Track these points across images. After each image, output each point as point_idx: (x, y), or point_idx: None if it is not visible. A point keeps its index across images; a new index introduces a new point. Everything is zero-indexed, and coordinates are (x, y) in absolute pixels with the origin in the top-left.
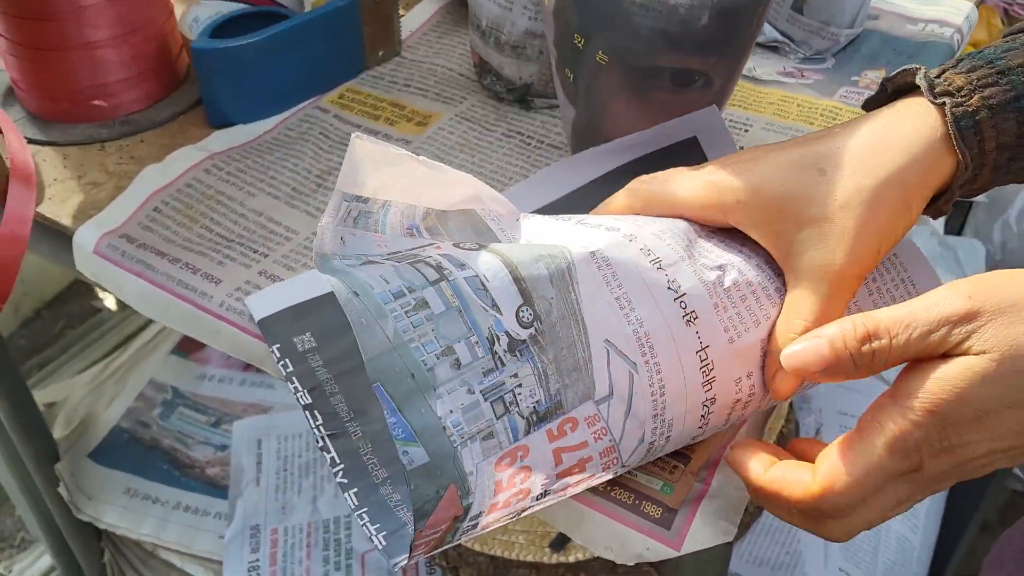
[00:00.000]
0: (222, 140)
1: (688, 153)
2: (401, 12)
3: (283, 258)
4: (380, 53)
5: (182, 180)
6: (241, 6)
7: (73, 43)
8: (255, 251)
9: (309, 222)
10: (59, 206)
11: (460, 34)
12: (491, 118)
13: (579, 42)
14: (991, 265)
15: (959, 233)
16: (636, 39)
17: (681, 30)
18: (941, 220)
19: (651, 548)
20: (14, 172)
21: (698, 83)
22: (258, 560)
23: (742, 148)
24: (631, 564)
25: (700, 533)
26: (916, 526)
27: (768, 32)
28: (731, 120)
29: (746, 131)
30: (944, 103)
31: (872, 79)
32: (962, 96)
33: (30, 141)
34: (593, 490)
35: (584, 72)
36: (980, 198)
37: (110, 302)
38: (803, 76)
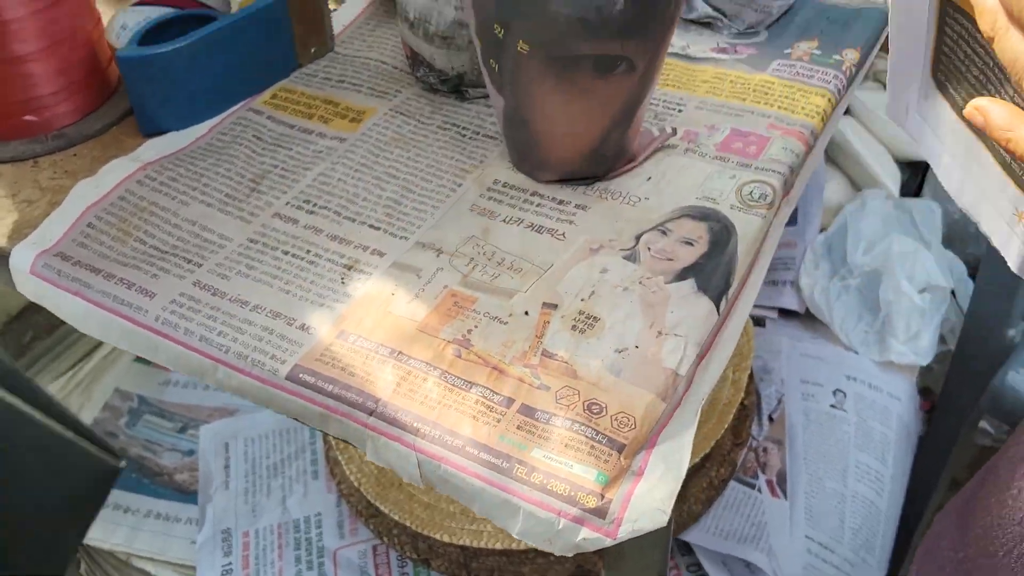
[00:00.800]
0: (155, 149)
1: None
2: (333, 6)
3: (217, 267)
4: (312, 50)
5: (115, 193)
6: (169, 10)
7: None
8: (189, 261)
9: (242, 227)
10: None
11: (393, 26)
12: (426, 111)
13: (499, 32)
14: (949, 224)
15: (917, 195)
16: (554, 27)
17: (598, 16)
18: (897, 183)
19: (587, 538)
20: None
21: (621, 68)
22: (231, 563)
23: None
24: (569, 555)
25: (635, 520)
26: (881, 490)
27: (700, 8)
28: (665, 100)
29: (680, 111)
30: None
31: (804, 50)
32: None
33: None
34: (528, 483)
35: (507, 62)
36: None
37: None
38: (736, 51)
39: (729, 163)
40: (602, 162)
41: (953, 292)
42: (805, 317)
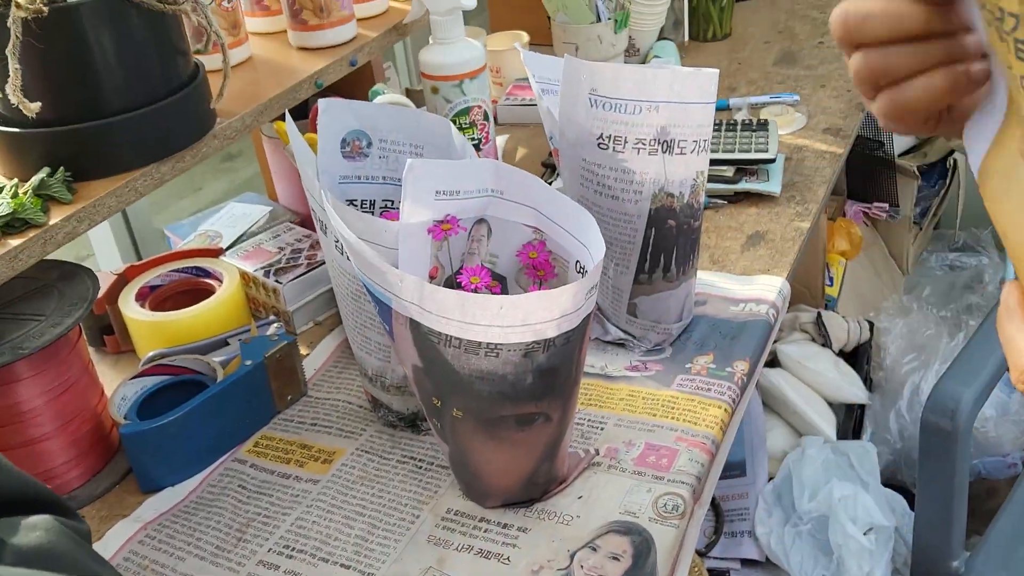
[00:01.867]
0: (152, 507)
1: None
2: (305, 351)
3: None
4: (289, 397)
5: (120, 555)
6: (163, 378)
7: (15, 443)
8: None
9: None
10: None
11: (356, 369)
12: (387, 446)
13: (437, 403)
14: (887, 460)
15: (856, 436)
16: (479, 400)
17: (513, 391)
18: (833, 426)
19: None
20: None
21: (538, 421)
22: None
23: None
24: None
25: None
26: None
27: (613, 332)
28: (589, 420)
29: (601, 429)
30: None
31: (702, 365)
32: None
33: None
34: None
35: (446, 422)
36: (868, 399)
37: None
38: (647, 368)
39: (645, 477)
40: (536, 488)
41: (897, 528)
42: (767, 564)
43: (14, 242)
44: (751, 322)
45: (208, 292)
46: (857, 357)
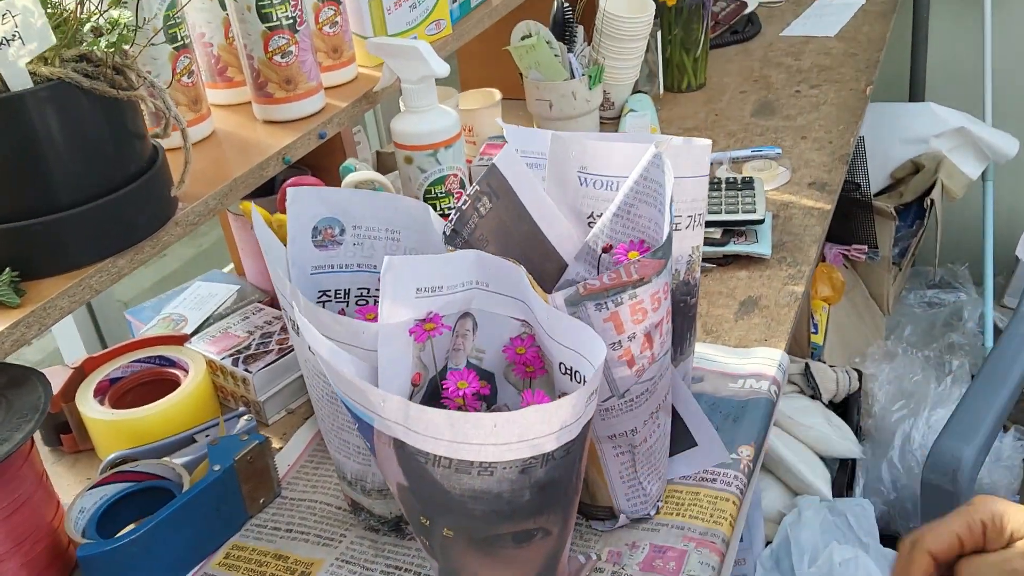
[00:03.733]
0: None
1: None
2: (278, 445)
3: None
4: (261, 501)
5: None
6: (124, 486)
7: None
8: None
9: None
10: None
11: (335, 474)
12: (369, 554)
13: (425, 522)
14: (883, 510)
15: (848, 489)
16: (473, 520)
17: (509, 508)
18: (828, 483)
19: None
20: None
21: (537, 536)
22: None
23: None
24: None
25: None
26: None
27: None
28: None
29: (602, 529)
30: None
31: None
32: None
33: None
34: None
35: (435, 541)
36: (859, 452)
37: None
38: None
39: None
40: None
41: None
42: None
43: None
44: (752, 401)
45: (173, 384)
46: (847, 407)
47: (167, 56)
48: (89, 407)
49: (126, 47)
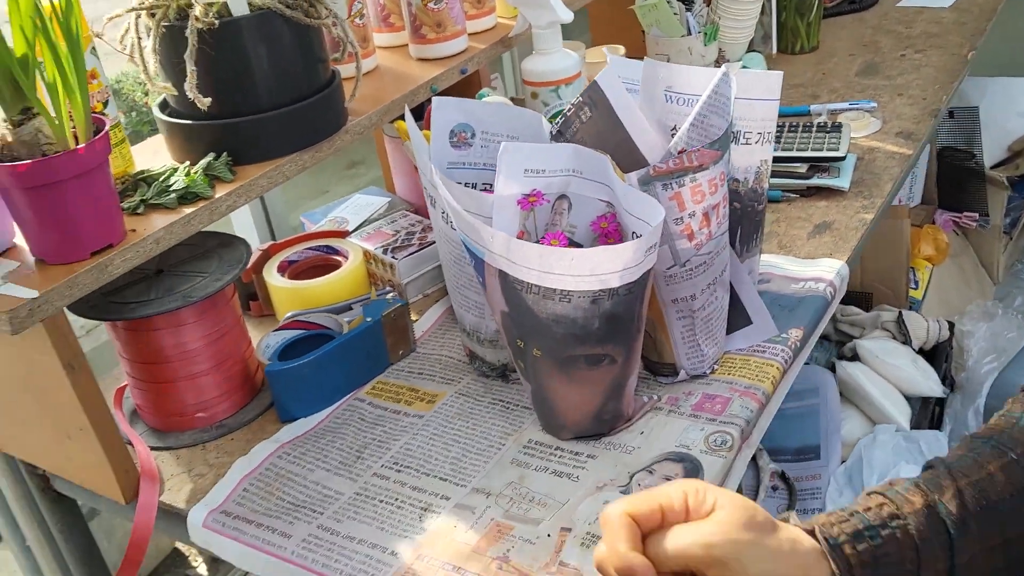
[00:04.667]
0: (289, 432)
1: None
2: (415, 317)
3: (334, 514)
4: (400, 352)
5: (262, 466)
6: (299, 332)
7: (180, 376)
8: (314, 511)
9: (351, 485)
10: (175, 495)
11: (458, 330)
12: (481, 391)
13: (520, 344)
14: None
15: (938, 427)
16: (555, 340)
17: (583, 332)
18: (907, 417)
19: None
20: (143, 473)
21: (605, 362)
22: None
23: None
24: None
25: None
26: None
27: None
28: (654, 375)
29: (665, 384)
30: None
31: None
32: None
33: (152, 448)
34: None
35: (528, 361)
36: (945, 393)
37: (202, 570)
38: None
39: (700, 419)
40: (604, 423)
41: None
42: None
43: (188, 210)
44: (808, 297)
45: (336, 266)
46: (936, 355)
47: (344, 0)
48: (273, 278)
49: None
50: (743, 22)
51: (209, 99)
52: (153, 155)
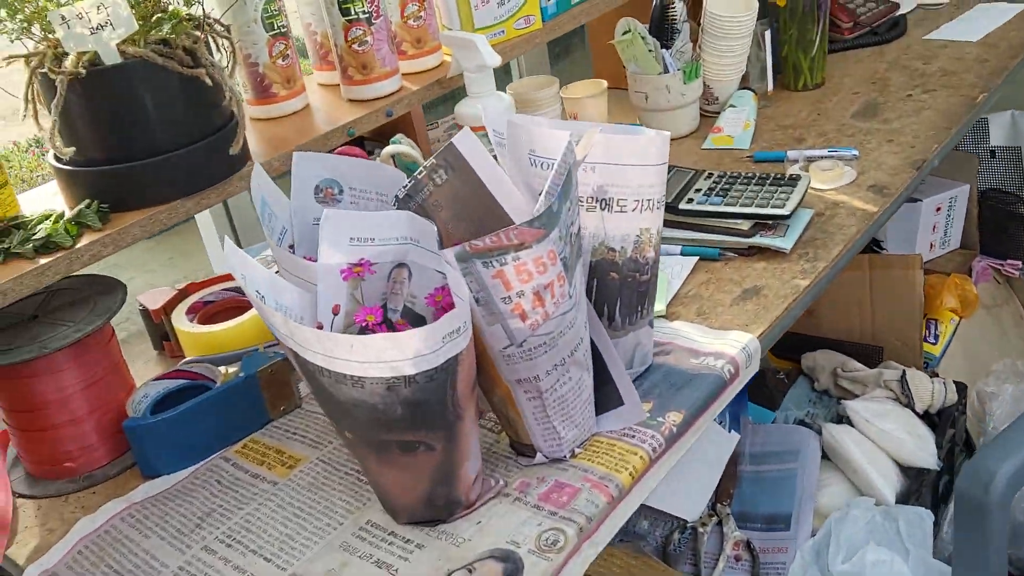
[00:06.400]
0: (144, 490)
1: None
2: None
3: None
4: (282, 408)
5: (103, 528)
6: (183, 382)
7: (47, 425)
8: None
9: (177, 556)
10: (20, 549)
11: None
12: (342, 459)
13: (333, 424)
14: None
15: (943, 503)
16: (360, 424)
17: (387, 419)
18: (894, 489)
19: None
20: None
21: (420, 448)
22: None
23: None
24: None
25: None
26: None
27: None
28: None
29: (526, 465)
30: None
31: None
32: None
33: (21, 495)
34: None
35: (345, 441)
36: (934, 464)
37: None
38: None
39: (542, 511)
40: (440, 510)
41: None
42: None
43: (44, 260)
44: (702, 375)
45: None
46: (941, 420)
47: (264, 41)
48: (180, 320)
49: (198, 34)
50: (731, 58)
51: (72, 149)
52: (53, 197)
